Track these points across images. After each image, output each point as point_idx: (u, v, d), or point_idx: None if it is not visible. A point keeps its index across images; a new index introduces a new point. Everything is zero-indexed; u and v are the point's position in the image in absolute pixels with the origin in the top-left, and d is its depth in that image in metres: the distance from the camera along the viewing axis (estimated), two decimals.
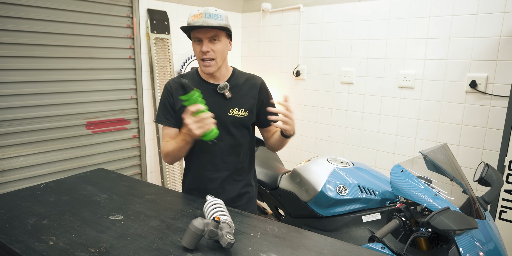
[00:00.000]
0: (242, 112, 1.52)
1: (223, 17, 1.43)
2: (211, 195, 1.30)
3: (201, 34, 1.41)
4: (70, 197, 1.50)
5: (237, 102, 1.52)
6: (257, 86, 1.57)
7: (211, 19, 1.39)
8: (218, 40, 1.43)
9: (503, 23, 2.18)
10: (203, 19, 1.39)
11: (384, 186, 1.78)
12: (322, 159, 1.94)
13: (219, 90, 1.50)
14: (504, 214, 1.97)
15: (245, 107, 1.53)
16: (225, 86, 1.50)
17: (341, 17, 2.89)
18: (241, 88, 1.54)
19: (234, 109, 1.51)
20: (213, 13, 1.40)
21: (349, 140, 3.00)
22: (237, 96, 1.53)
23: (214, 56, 1.43)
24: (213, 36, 1.41)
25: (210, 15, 1.40)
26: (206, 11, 1.41)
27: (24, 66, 2.21)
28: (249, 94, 1.54)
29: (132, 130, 2.82)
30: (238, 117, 1.52)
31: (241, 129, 1.55)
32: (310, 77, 3.17)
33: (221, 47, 1.44)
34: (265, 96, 1.58)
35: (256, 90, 1.56)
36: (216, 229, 1.08)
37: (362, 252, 1.12)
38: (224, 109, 1.51)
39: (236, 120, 1.52)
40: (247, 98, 1.54)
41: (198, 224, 1.07)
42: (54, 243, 1.13)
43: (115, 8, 2.59)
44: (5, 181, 2.20)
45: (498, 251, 1.37)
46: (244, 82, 1.56)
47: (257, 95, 1.56)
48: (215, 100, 1.50)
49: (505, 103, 2.15)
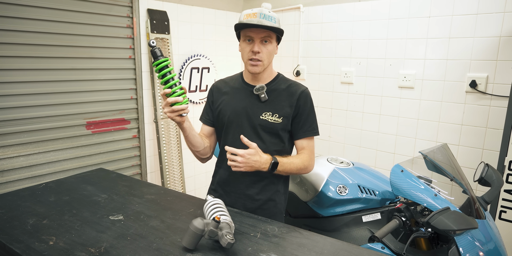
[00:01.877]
0: (275, 118, 1.47)
1: (276, 20, 1.43)
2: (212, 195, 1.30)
3: (254, 34, 1.40)
4: (70, 197, 1.50)
5: (272, 106, 1.48)
6: (296, 94, 1.49)
7: (265, 20, 1.38)
8: (269, 42, 1.42)
9: (503, 23, 2.18)
10: (258, 19, 1.37)
11: (384, 186, 1.78)
12: (322, 159, 1.94)
13: (255, 91, 1.48)
14: (504, 214, 1.97)
15: (279, 113, 1.48)
16: (261, 88, 1.47)
17: (341, 17, 2.89)
18: (280, 94, 1.50)
19: (268, 113, 1.47)
20: (267, 15, 1.39)
21: (349, 140, 3.00)
22: (273, 101, 1.49)
23: (262, 57, 1.42)
24: (265, 37, 1.41)
25: (265, 16, 1.38)
26: (260, 11, 1.39)
27: (24, 66, 2.21)
28: (287, 101, 1.49)
29: (132, 130, 2.82)
30: (270, 122, 1.47)
31: (272, 135, 1.49)
32: (310, 77, 3.17)
33: (271, 49, 1.44)
34: (302, 106, 1.49)
35: (295, 98, 1.49)
36: (216, 229, 1.08)
37: (362, 252, 1.12)
38: (257, 111, 1.48)
39: (266, 125, 1.47)
40: (284, 104, 1.48)
41: (198, 224, 1.07)
42: (54, 243, 1.13)
43: (115, 8, 2.59)
44: (5, 181, 2.20)
45: (498, 251, 1.37)
46: (286, 88, 1.51)
47: (294, 104, 1.49)
48: (250, 101, 1.49)
49: (505, 103, 2.15)
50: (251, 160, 1.32)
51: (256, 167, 1.34)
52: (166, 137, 2.97)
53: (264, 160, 1.36)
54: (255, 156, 1.33)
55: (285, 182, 1.60)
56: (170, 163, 3.02)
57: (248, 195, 1.53)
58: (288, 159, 1.44)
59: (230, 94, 1.55)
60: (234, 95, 1.54)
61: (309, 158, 1.51)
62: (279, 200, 1.57)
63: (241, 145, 1.40)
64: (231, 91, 1.55)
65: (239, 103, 1.51)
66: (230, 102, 1.53)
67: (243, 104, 1.50)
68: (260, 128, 1.48)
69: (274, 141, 1.50)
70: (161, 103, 2.91)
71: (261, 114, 1.48)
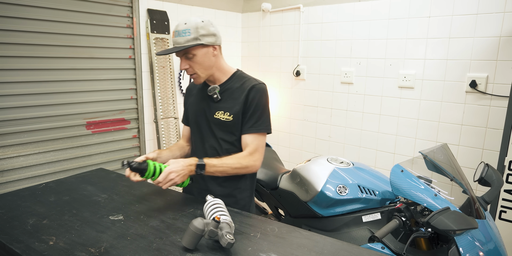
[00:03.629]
0: (226, 116, 1.51)
1: (191, 30, 1.40)
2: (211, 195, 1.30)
3: (177, 54, 1.45)
4: (70, 197, 1.50)
5: (224, 105, 1.52)
6: (246, 89, 1.49)
7: (179, 38, 1.40)
8: (193, 55, 1.44)
9: (503, 23, 2.18)
10: (174, 39, 1.42)
11: (384, 186, 1.78)
12: (322, 159, 1.94)
13: (208, 92, 1.53)
14: (504, 214, 1.97)
15: (230, 111, 1.50)
16: (213, 89, 1.52)
17: (341, 17, 2.89)
18: (233, 92, 1.53)
19: (220, 112, 1.52)
20: (181, 30, 1.40)
21: (349, 140, 3.00)
22: (226, 100, 1.52)
23: (193, 71, 1.47)
24: (185, 54, 1.44)
25: (179, 33, 1.41)
26: (176, 28, 1.42)
27: (24, 66, 2.21)
28: (238, 98, 1.51)
29: (132, 130, 2.82)
30: (222, 121, 1.51)
31: (226, 133, 1.53)
32: (310, 77, 3.17)
33: (198, 60, 1.45)
34: (250, 101, 1.48)
35: (244, 93, 1.49)
36: (216, 229, 1.08)
37: (362, 252, 1.12)
38: (211, 111, 1.54)
39: (220, 123, 1.52)
40: (235, 103, 1.50)
41: (198, 224, 1.07)
42: (54, 243, 1.13)
43: (115, 8, 2.59)
44: (5, 181, 2.20)
45: (498, 251, 1.37)
46: (240, 86, 1.53)
47: (244, 99, 1.49)
48: (207, 101, 1.56)
49: (505, 103, 2.15)
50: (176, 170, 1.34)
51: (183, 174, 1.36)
52: (166, 137, 2.97)
53: (187, 163, 1.38)
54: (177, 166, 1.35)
55: (247, 180, 1.60)
56: None
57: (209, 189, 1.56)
58: (220, 160, 1.43)
59: (195, 95, 1.64)
60: (197, 96, 1.63)
61: (248, 157, 1.47)
62: (240, 197, 1.58)
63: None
64: (196, 93, 1.64)
65: (199, 104, 1.60)
66: (193, 103, 1.63)
67: (202, 105, 1.58)
68: (214, 127, 1.54)
69: (229, 140, 1.53)
70: (161, 103, 2.91)
71: (215, 113, 1.53)
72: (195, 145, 1.62)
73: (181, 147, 1.71)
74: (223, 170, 1.43)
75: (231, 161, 1.45)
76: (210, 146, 1.56)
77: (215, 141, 1.55)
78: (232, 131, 1.52)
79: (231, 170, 1.45)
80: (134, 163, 1.33)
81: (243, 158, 1.46)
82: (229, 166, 1.44)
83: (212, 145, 1.55)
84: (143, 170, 1.33)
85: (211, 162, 1.41)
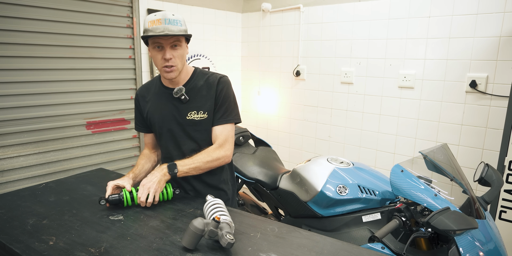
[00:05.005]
0: (201, 115, 1.50)
1: (182, 22, 1.42)
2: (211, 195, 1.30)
3: (163, 40, 1.40)
4: (70, 197, 1.50)
5: (195, 104, 1.50)
6: (214, 85, 1.51)
7: (171, 26, 1.38)
8: (179, 46, 1.43)
9: (503, 23, 2.18)
10: (163, 26, 1.37)
11: (384, 186, 1.78)
12: (322, 159, 1.94)
13: (175, 94, 1.49)
14: (504, 214, 1.97)
15: (203, 109, 1.50)
16: (179, 90, 1.49)
17: (341, 17, 2.89)
18: (199, 90, 1.52)
19: (192, 112, 1.50)
20: (172, 19, 1.39)
21: (349, 140, 3.00)
22: (195, 99, 1.51)
23: (175, 62, 1.43)
24: (174, 42, 1.41)
25: (170, 21, 1.38)
26: (164, 16, 1.38)
27: (24, 66, 2.21)
28: (207, 95, 1.51)
29: (132, 130, 2.82)
30: (197, 120, 1.50)
31: (203, 132, 1.52)
32: (310, 77, 3.17)
33: (181, 52, 1.45)
34: (218, 94, 1.51)
35: (214, 88, 1.51)
36: (216, 229, 1.08)
37: (362, 252, 1.12)
38: (182, 113, 1.51)
39: (195, 123, 1.50)
40: (206, 99, 1.51)
41: (198, 224, 1.07)
42: (54, 243, 1.13)
43: (115, 8, 2.59)
44: (5, 181, 2.20)
45: (498, 251, 1.37)
46: (204, 83, 1.53)
47: (214, 94, 1.51)
48: (173, 104, 1.52)
49: (505, 103, 2.15)
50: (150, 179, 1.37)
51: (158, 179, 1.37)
52: None
53: (157, 169, 1.42)
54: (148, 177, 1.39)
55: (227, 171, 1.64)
56: None
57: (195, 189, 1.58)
58: (190, 158, 1.45)
59: (153, 101, 1.57)
60: (157, 102, 1.56)
61: (218, 149, 1.48)
62: (227, 188, 1.63)
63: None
64: (153, 98, 1.57)
65: (163, 108, 1.53)
66: (156, 109, 1.55)
67: (168, 109, 1.52)
68: (189, 129, 1.51)
69: (207, 139, 1.53)
70: None
71: (186, 114, 1.50)
72: (170, 151, 1.57)
73: (148, 157, 1.66)
74: (196, 166, 1.43)
75: (201, 156, 1.45)
76: (189, 149, 1.53)
77: (193, 143, 1.53)
78: (205, 128, 1.52)
79: (203, 164, 1.44)
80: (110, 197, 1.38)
81: (213, 151, 1.47)
82: (200, 161, 1.44)
83: (190, 147, 1.53)
84: (120, 200, 1.38)
85: (181, 161, 1.43)
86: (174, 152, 1.56)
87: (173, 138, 1.54)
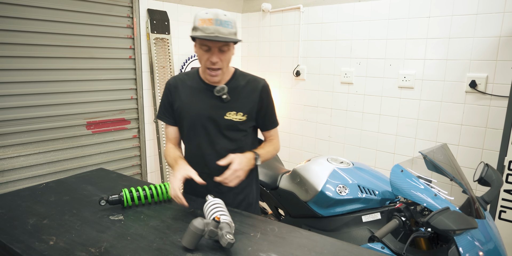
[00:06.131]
0: (240, 116, 1.48)
1: (233, 24, 1.36)
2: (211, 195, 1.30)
3: (212, 44, 1.34)
4: (70, 197, 1.50)
5: (235, 105, 1.48)
6: (258, 89, 1.50)
7: (222, 28, 1.31)
8: (228, 50, 1.38)
9: (503, 23, 2.18)
10: (214, 27, 1.30)
11: (384, 186, 1.78)
12: (322, 159, 1.94)
13: (216, 93, 1.45)
14: (504, 214, 1.98)
15: (243, 110, 1.48)
16: (222, 89, 1.44)
17: (341, 17, 2.89)
18: (241, 91, 1.49)
19: (232, 113, 1.47)
20: (224, 20, 1.32)
21: (349, 140, 3.00)
22: (236, 99, 1.48)
23: (221, 65, 1.39)
24: (223, 46, 1.35)
25: (221, 23, 1.31)
26: (216, 17, 1.31)
27: (24, 66, 2.21)
28: (249, 97, 1.49)
29: (132, 130, 2.82)
30: (235, 121, 1.48)
31: (238, 132, 1.50)
32: (310, 77, 3.17)
33: (229, 56, 1.41)
34: (265, 100, 1.52)
35: (257, 93, 1.50)
36: (216, 229, 1.08)
37: (362, 252, 1.12)
38: (221, 112, 1.47)
39: (232, 124, 1.48)
40: (247, 101, 1.49)
41: (198, 224, 1.07)
42: (54, 243, 1.13)
43: (115, 8, 2.59)
44: (5, 181, 2.20)
45: (498, 251, 1.37)
46: (245, 84, 1.50)
47: (258, 99, 1.50)
48: (212, 102, 1.47)
49: (505, 103, 2.15)
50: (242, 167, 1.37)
51: (248, 166, 1.41)
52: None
53: (247, 159, 1.41)
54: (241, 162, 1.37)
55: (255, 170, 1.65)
56: None
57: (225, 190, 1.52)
58: (265, 149, 1.54)
59: (190, 95, 1.51)
60: (194, 96, 1.50)
61: (278, 143, 1.66)
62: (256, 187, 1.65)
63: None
64: (190, 92, 1.51)
65: (201, 105, 1.48)
66: (191, 104, 1.50)
67: (205, 106, 1.48)
68: (225, 128, 1.49)
69: (241, 138, 1.53)
70: None
71: (225, 114, 1.47)
72: (202, 148, 1.51)
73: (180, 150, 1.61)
74: (266, 157, 1.54)
75: (270, 148, 1.58)
76: (223, 148, 1.49)
77: (228, 142, 1.50)
78: (242, 129, 1.51)
79: (270, 155, 1.57)
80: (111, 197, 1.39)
81: (277, 145, 1.64)
82: (271, 154, 1.57)
83: (225, 147, 1.50)
84: (120, 200, 1.38)
85: (259, 152, 1.49)
86: (207, 150, 1.50)
87: (207, 136, 1.49)
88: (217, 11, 1.33)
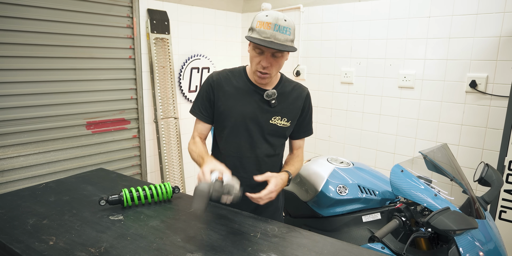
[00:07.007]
0: (284, 122, 1.46)
1: (292, 30, 1.30)
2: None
3: (265, 48, 1.30)
4: (70, 197, 1.50)
5: (281, 111, 1.45)
6: (303, 96, 1.50)
7: (279, 33, 1.26)
8: (281, 56, 1.34)
9: (503, 23, 2.18)
10: (271, 32, 1.26)
11: (384, 186, 1.78)
12: (322, 159, 1.94)
13: (266, 97, 1.41)
14: (504, 214, 1.97)
15: (288, 117, 1.46)
16: (273, 94, 1.41)
17: (341, 17, 2.89)
18: (287, 97, 1.47)
19: (277, 118, 1.45)
20: (283, 25, 1.26)
21: (349, 140, 3.00)
22: (282, 105, 1.46)
23: (271, 71, 1.35)
24: (276, 52, 1.31)
25: (279, 28, 1.26)
26: (275, 21, 1.26)
27: (24, 66, 2.21)
28: (294, 103, 1.48)
29: (132, 130, 2.82)
30: (279, 127, 1.45)
31: (279, 139, 1.49)
32: (310, 77, 3.17)
33: (280, 62, 1.37)
34: (307, 108, 1.53)
35: (302, 100, 1.49)
36: (221, 189, 1.10)
37: (362, 252, 1.12)
38: (266, 116, 1.44)
39: (276, 129, 1.46)
40: (292, 108, 1.47)
41: (202, 187, 1.08)
42: (54, 243, 1.13)
43: (115, 8, 2.59)
44: (5, 181, 2.20)
45: (498, 251, 1.37)
46: (291, 91, 1.48)
47: (301, 107, 1.49)
48: (259, 105, 1.43)
49: (505, 103, 2.15)
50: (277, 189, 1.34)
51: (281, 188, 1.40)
52: (166, 137, 2.97)
53: (283, 181, 1.40)
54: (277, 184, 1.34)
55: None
56: (170, 163, 3.02)
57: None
58: (294, 166, 1.53)
59: (235, 95, 1.44)
60: (240, 97, 1.44)
61: (303, 156, 1.63)
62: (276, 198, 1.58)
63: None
64: (235, 91, 1.44)
65: (247, 106, 1.43)
66: (236, 104, 1.44)
67: (251, 109, 1.43)
68: (269, 133, 1.46)
69: (280, 144, 1.53)
70: (161, 103, 2.91)
71: (271, 118, 1.44)
72: (242, 151, 1.46)
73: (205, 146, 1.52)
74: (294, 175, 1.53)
75: (298, 164, 1.56)
76: (263, 153, 1.47)
77: (269, 147, 1.48)
78: (284, 136, 1.51)
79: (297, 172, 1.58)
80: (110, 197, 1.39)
81: (302, 159, 1.61)
82: (298, 170, 1.57)
83: (265, 151, 1.48)
84: (120, 200, 1.39)
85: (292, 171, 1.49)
86: (247, 153, 1.46)
87: (249, 139, 1.45)
88: (278, 15, 1.28)
